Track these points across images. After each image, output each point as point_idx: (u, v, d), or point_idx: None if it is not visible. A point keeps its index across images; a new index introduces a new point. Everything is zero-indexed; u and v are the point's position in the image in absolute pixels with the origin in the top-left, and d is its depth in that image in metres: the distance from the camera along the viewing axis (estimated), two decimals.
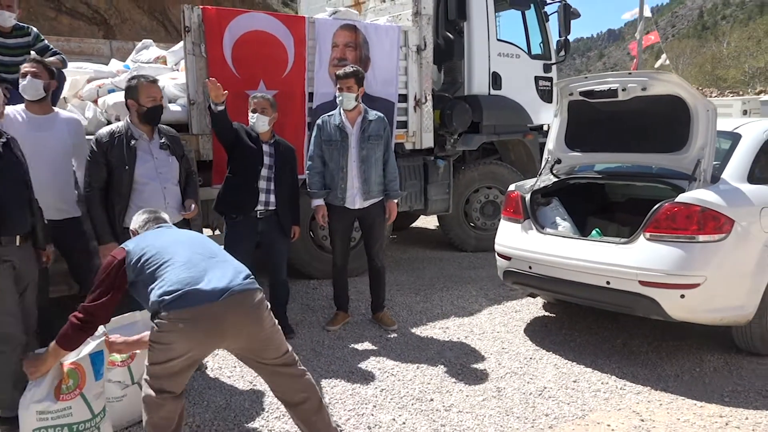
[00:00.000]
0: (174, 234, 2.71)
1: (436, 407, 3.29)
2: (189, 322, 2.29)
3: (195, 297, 2.30)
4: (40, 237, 3.10)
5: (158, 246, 2.50)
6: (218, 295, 2.32)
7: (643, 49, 14.67)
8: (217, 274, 2.40)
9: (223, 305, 2.32)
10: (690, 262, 3.42)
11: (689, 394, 3.37)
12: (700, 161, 3.67)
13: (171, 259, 2.41)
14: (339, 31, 5.45)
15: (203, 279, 2.35)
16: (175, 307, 2.29)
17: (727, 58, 50.52)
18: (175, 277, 2.34)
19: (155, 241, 2.55)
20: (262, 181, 4.15)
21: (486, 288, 5.46)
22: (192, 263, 2.41)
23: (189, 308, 2.29)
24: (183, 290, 2.30)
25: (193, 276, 2.35)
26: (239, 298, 2.37)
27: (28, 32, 4.52)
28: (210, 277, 2.37)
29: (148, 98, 3.49)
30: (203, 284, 2.33)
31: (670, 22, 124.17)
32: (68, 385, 2.64)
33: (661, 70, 5.57)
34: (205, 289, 2.32)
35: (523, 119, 7.09)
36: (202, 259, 2.46)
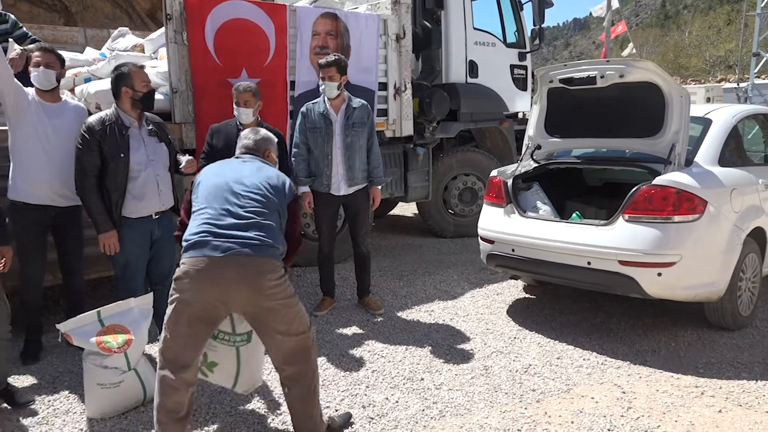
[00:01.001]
0: (222, 181, 2.68)
1: (427, 386, 3.40)
2: (198, 270, 2.46)
3: (204, 248, 2.47)
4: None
5: (204, 189, 2.67)
6: (224, 252, 2.45)
7: (611, 38, 14.95)
8: (236, 234, 2.50)
9: (224, 261, 2.45)
10: (666, 241, 3.58)
11: (666, 367, 3.55)
12: (674, 145, 3.84)
13: (203, 208, 2.59)
14: (320, 19, 5.47)
15: (219, 237, 2.49)
16: (189, 255, 2.50)
17: (688, 47, 51.67)
18: (196, 228, 2.54)
19: (207, 180, 2.71)
20: None
21: (467, 272, 5.59)
22: (215, 218, 2.54)
23: (199, 258, 2.46)
24: (196, 240, 2.49)
25: (211, 231, 2.50)
26: (244, 260, 2.47)
27: (5, 19, 4.45)
28: (226, 234, 2.49)
29: (142, 83, 3.50)
30: (217, 241, 2.47)
31: (634, 11, 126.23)
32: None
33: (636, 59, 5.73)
34: (215, 244, 2.47)
35: (499, 107, 7.22)
36: (228, 215, 2.55)
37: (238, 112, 4.11)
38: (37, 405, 3.21)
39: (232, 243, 2.47)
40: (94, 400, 3.06)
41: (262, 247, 2.51)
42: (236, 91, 4.10)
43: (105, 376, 3.04)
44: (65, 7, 15.74)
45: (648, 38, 58.70)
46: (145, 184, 3.48)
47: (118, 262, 3.59)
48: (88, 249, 4.17)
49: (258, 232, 2.53)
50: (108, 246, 3.45)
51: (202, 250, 2.48)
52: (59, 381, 3.49)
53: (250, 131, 3.06)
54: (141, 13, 18.06)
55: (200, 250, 2.48)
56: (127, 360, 3.09)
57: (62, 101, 3.73)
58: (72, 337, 3.02)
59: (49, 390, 3.38)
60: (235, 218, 2.54)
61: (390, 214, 8.64)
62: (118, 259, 3.56)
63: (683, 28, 60.15)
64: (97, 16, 16.23)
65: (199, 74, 4.85)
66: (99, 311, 3.12)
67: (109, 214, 3.44)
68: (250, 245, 2.49)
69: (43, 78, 3.53)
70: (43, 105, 3.57)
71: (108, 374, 3.05)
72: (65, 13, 15.72)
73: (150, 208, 3.55)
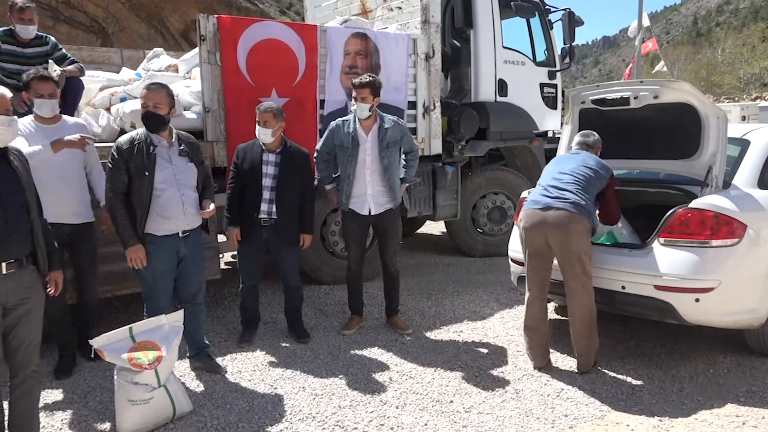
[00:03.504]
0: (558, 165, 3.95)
1: (457, 409, 3.35)
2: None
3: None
4: (41, 263, 2.72)
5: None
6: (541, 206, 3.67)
7: (647, 61, 14.79)
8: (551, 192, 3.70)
9: (542, 214, 3.63)
10: (704, 266, 3.49)
11: (705, 394, 3.44)
12: (711, 167, 3.75)
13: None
14: (350, 39, 5.53)
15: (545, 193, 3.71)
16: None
17: (721, 65, 50.93)
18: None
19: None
20: (265, 191, 4.17)
21: (496, 292, 5.52)
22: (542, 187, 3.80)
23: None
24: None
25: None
26: (555, 213, 3.60)
27: (46, 41, 4.58)
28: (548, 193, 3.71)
29: (143, 105, 3.52)
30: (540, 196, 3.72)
31: (665, 29, 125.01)
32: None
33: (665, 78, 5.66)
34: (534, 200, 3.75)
35: (528, 125, 7.18)
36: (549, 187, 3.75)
37: (258, 132, 4.16)
38: (70, 420, 3.25)
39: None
40: (125, 416, 3.08)
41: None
42: (258, 110, 4.17)
43: (136, 393, 3.06)
44: (102, 29, 16.24)
45: (679, 56, 57.97)
46: (170, 203, 3.50)
47: (144, 279, 3.63)
48: (117, 266, 4.26)
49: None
50: (134, 260, 3.48)
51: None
52: (90, 396, 3.53)
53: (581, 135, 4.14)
54: (174, 34, 18.52)
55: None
56: (158, 377, 3.11)
57: (61, 121, 3.78)
58: (104, 352, 3.06)
59: (81, 405, 3.42)
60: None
61: (418, 233, 8.62)
62: (145, 275, 3.60)
63: (716, 45, 59.34)
64: (133, 36, 16.70)
65: (231, 93, 4.93)
66: (131, 327, 3.16)
67: (134, 230, 3.49)
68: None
69: (48, 109, 3.66)
70: (43, 128, 3.64)
71: (139, 390, 3.07)
72: (102, 33, 16.22)
73: (175, 226, 3.57)
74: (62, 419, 3.26)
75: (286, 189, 4.19)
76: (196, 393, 3.55)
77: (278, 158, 4.20)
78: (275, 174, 4.17)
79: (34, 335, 2.73)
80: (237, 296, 5.08)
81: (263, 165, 4.18)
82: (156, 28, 17.77)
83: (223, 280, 5.53)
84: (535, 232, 3.67)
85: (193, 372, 3.83)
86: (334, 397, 3.49)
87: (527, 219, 3.73)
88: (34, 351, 2.75)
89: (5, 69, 4.44)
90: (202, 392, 3.57)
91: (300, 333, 4.44)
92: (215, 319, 4.86)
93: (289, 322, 4.55)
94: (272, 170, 4.18)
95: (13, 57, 4.46)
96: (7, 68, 4.44)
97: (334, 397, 3.49)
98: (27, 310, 2.66)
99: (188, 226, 3.62)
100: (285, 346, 4.32)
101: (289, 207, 4.22)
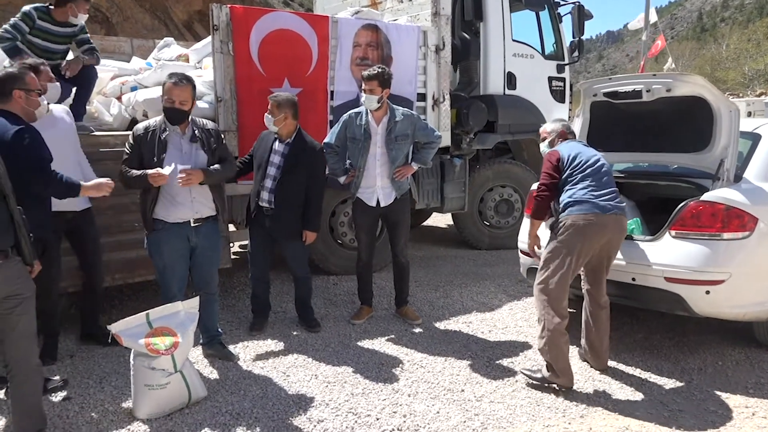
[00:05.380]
0: (587, 153, 3.65)
1: (468, 397, 3.39)
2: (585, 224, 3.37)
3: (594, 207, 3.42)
4: (26, 253, 2.71)
5: (582, 161, 3.56)
6: (608, 210, 3.40)
7: (653, 56, 14.72)
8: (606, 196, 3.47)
9: (607, 218, 3.39)
10: (715, 259, 3.51)
11: (714, 386, 3.47)
12: (723, 161, 3.77)
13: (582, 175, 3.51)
14: (361, 30, 5.53)
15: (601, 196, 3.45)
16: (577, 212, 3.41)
17: (726, 60, 50.74)
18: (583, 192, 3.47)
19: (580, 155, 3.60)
20: (268, 180, 4.17)
21: (504, 284, 5.55)
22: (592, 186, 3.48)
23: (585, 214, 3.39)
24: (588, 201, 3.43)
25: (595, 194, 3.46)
26: (616, 218, 3.45)
27: (74, 23, 4.62)
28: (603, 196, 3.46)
29: (166, 100, 3.54)
30: (600, 200, 3.43)
31: (669, 24, 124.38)
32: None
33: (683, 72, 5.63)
34: (601, 204, 3.41)
35: (537, 119, 7.15)
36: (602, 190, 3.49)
37: (265, 119, 4.18)
38: (86, 405, 3.29)
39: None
40: (142, 401, 3.12)
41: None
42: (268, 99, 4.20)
43: (153, 378, 3.10)
44: (106, 18, 16.22)
45: (684, 51, 57.69)
46: (177, 189, 3.50)
47: (157, 267, 3.67)
48: (131, 253, 4.30)
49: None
50: (155, 177, 3.41)
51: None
52: (106, 381, 3.57)
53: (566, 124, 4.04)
54: (178, 24, 18.50)
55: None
56: (174, 362, 3.15)
57: (50, 113, 3.67)
58: (122, 338, 3.10)
59: (96, 389, 3.46)
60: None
61: (424, 225, 8.64)
62: (157, 263, 3.64)
63: (720, 41, 59.08)
64: (137, 27, 16.69)
65: (243, 83, 4.95)
66: (148, 313, 3.20)
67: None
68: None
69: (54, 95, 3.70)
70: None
71: (155, 375, 3.11)
72: (106, 23, 16.20)
73: (184, 214, 3.59)
74: (79, 404, 3.29)
75: (288, 182, 4.14)
76: (209, 379, 3.59)
77: (286, 149, 4.18)
78: (280, 164, 4.16)
79: (30, 327, 2.73)
80: (247, 285, 5.14)
81: (272, 153, 4.19)
82: (160, 18, 17.73)
83: (233, 269, 5.57)
84: (597, 236, 3.42)
85: (206, 359, 3.87)
86: (347, 385, 3.53)
87: (588, 224, 3.38)
88: (33, 343, 2.77)
89: (34, 44, 4.46)
90: (216, 379, 3.61)
91: (310, 323, 4.47)
92: (226, 307, 4.89)
93: (298, 313, 4.59)
94: (278, 160, 4.17)
95: (44, 34, 4.50)
96: (36, 43, 4.47)
97: (347, 385, 3.53)
98: (19, 302, 2.65)
99: (197, 215, 3.63)
100: (296, 334, 4.36)
101: (289, 200, 4.16)
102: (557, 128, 3.92)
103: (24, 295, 2.68)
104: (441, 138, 4.72)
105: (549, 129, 3.96)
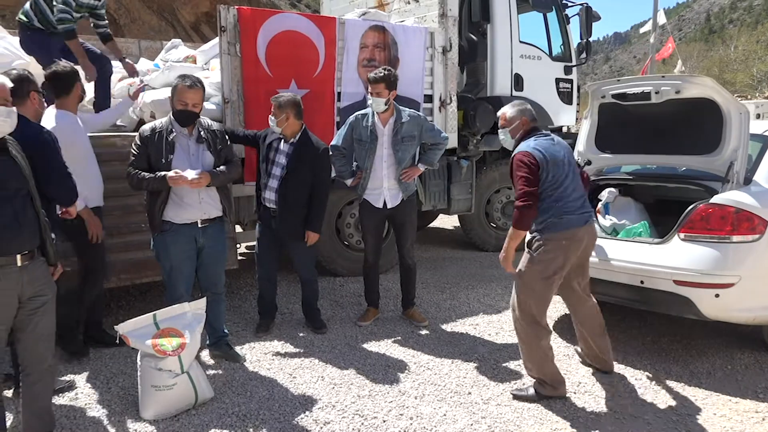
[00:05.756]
0: (560, 155, 3.29)
1: (475, 400, 3.37)
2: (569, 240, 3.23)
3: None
4: (51, 253, 2.74)
5: (559, 170, 3.24)
6: (585, 221, 3.28)
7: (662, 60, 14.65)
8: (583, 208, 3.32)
9: (584, 231, 3.27)
10: (725, 262, 3.49)
11: (723, 390, 3.44)
12: (733, 163, 3.74)
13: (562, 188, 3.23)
14: (368, 32, 5.53)
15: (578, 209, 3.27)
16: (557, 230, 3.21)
17: (734, 62, 50.40)
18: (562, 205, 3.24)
19: (557, 161, 3.24)
20: (273, 179, 4.17)
21: (510, 287, 5.49)
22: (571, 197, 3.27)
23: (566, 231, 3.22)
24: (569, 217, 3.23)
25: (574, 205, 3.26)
26: (590, 227, 3.35)
27: None
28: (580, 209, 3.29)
29: (178, 102, 3.55)
30: (578, 213, 3.26)
31: (677, 25, 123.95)
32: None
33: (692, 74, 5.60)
34: (579, 218, 3.26)
35: (543, 121, 7.13)
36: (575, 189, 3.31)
37: (269, 120, 4.18)
38: (93, 405, 3.30)
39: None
40: (149, 402, 3.12)
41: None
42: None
43: (159, 379, 3.11)
44: (114, 19, 16.31)
45: (692, 53, 57.39)
46: (186, 191, 3.52)
47: (164, 267, 3.67)
48: (138, 254, 4.30)
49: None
50: (174, 179, 3.44)
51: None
52: (113, 382, 3.57)
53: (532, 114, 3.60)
54: (185, 26, 18.55)
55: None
56: (181, 363, 3.15)
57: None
58: (129, 338, 3.10)
59: (103, 390, 3.47)
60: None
61: (430, 227, 8.63)
62: (164, 264, 3.65)
63: (729, 42, 58.72)
64: (144, 28, 16.76)
65: (250, 84, 4.96)
66: (155, 314, 3.20)
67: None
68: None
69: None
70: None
71: (162, 376, 3.11)
72: (113, 24, 16.26)
73: (192, 215, 3.60)
74: (85, 404, 3.30)
75: (292, 181, 4.13)
76: (216, 381, 3.59)
77: (290, 149, 4.16)
78: (284, 164, 4.15)
79: (50, 328, 2.75)
80: (254, 286, 5.14)
81: (277, 153, 4.18)
82: (167, 20, 17.80)
83: (240, 270, 5.57)
84: (577, 250, 3.30)
85: (213, 360, 3.87)
86: (353, 387, 3.52)
87: (569, 242, 3.24)
88: (51, 344, 2.77)
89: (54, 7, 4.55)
90: (222, 380, 3.61)
91: (316, 324, 4.46)
92: (232, 308, 4.90)
93: (305, 314, 4.58)
94: (283, 160, 4.16)
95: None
96: (57, 8, 4.54)
97: (353, 387, 3.52)
98: (43, 302, 2.68)
99: (205, 216, 3.64)
100: (302, 336, 4.36)
101: (293, 200, 4.15)
102: (517, 116, 3.45)
103: (47, 296, 2.70)
104: (448, 139, 4.71)
105: (509, 115, 3.49)
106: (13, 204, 2.52)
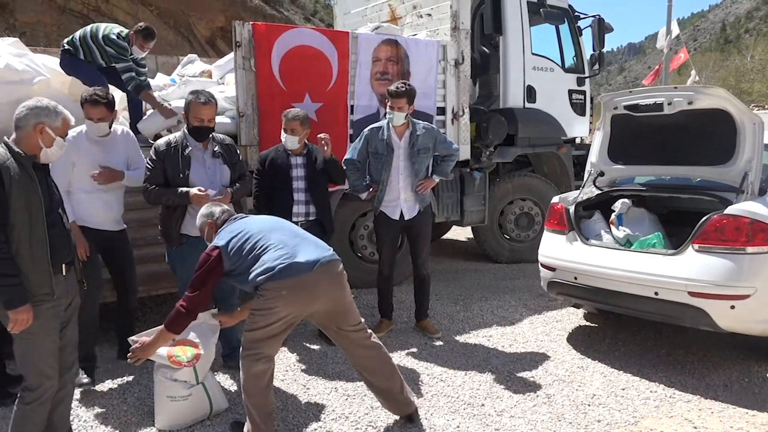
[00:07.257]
0: (259, 222, 3.07)
1: (488, 412, 3.37)
2: (291, 289, 2.77)
3: (294, 269, 2.77)
4: (78, 267, 2.95)
5: (251, 235, 2.91)
6: (312, 266, 2.81)
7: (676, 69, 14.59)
8: (308, 250, 2.89)
9: (316, 274, 2.81)
10: (740, 273, 3.46)
11: (740, 403, 3.40)
12: (747, 174, 3.73)
13: (266, 243, 2.86)
14: (381, 45, 5.59)
15: (297, 254, 2.83)
16: (278, 278, 2.76)
17: (751, 72, 49.93)
18: (275, 256, 2.81)
19: (245, 232, 2.93)
20: (298, 193, 4.19)
21: (524, 298, 5.52)
22: (284, 243, 2.87)
23: (290, 278, 2.76)
24: (284, 264, 2.77)
25: (289, 253, 2.83)
26: (327, 267, 2.88)
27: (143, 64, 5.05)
28: (302, 252, 2.85)
29: (194, 118, 3.64)
30: (299, 258, 2.81)
31: (692, 35, 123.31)
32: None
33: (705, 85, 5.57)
34: (301, 261, 2.80)
35: (557, 132, 7.16)
36: (291, 238, 2.93)
37: (285, 139, 4.18)
38: (108, 415, 3.34)
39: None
40: (164, 413, 3.16)
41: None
42: (285, 117, 4.18)
43: (175, 389, 3.14)
44: None
45: (707, 63, 56.94)
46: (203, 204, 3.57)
47: (180, 279, 3.72)
48: (154, 266, 4.37)
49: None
50: (196, 198, 3.50)
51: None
52: (128, 392, 3.62)
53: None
54: (201, 41, 18.80)
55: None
56: (196, 374, 3.19)
57: (111, 133, 3.79)
58: None
59: (119, 400, 3.51)
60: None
61: (444, 238, 8.63)
62: (180, 275, 3.70)
63: (745, 52, 58.27)
64: (160, 43, 16.95)
65: (264, 99, 5.02)
66: None
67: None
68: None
69: (96, 131, 3.69)
70: (96, 141, 3.71)
71: (177, 387, 3.14)
72: None
73: None
74: (101, 414, 3.34)
75: (319, 186, 4.25)
76: (230, 391, 3.61)
77: (305, 160, 4.23)
78: (306, 175, 4.20)
79: (77, 335, 2.88)
80: None
81: (292, 169, 4.21)
82: (183, 35, 18.06)
83: None
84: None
85: (227, 371, 3.90)
86: (366, 398, 3.52)
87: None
88: (76, 351, 2.89)
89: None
90: (237, 391, 3.63)
91: None
92: None
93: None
94: (302, 172, 4.21)
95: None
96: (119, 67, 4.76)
97: (366, 398, 3.52)
98: (74, 310, 2.82)
99: None
100: (315, 348, 4.37)
101: (325, 202, 4.31)
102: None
103: (76, 304, 2.84)
104: (459, 150, 4.75)
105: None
106: (63, 219, 2.73)
